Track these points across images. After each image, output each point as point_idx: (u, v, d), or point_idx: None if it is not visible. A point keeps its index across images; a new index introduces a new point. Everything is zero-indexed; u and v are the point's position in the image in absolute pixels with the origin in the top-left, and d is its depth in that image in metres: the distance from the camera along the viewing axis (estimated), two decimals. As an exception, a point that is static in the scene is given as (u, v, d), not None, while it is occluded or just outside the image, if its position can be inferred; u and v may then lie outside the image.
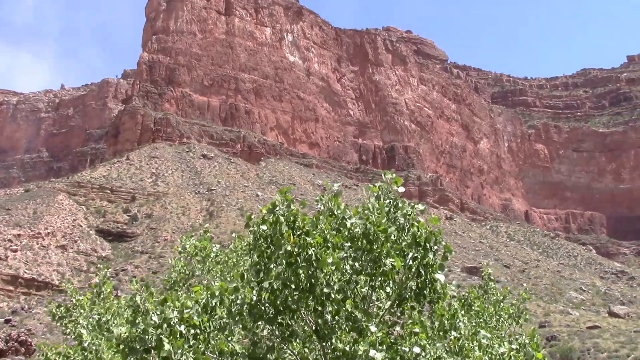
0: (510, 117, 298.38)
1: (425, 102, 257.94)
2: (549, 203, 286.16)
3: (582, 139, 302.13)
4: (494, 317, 12.30)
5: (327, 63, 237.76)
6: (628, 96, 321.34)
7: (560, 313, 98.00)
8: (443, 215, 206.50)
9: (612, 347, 69.41)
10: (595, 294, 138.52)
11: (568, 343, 71.54)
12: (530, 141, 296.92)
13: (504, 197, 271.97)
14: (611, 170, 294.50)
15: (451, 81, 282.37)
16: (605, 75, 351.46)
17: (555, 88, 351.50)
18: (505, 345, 9.58)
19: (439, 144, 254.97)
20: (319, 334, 8.07)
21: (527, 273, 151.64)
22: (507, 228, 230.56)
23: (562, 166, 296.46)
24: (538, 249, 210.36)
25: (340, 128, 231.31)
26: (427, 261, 8.22)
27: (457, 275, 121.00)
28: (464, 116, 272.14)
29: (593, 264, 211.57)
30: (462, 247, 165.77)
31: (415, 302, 8.34)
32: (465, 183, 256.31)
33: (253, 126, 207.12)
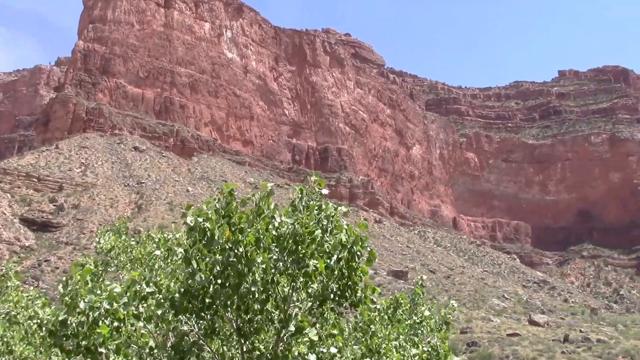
0: (443, 125, 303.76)
1: (360, 106, 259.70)
2: (477, 211, 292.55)
3: (512, 150, 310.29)
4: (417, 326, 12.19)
5: (265, 61, 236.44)
6: (558, 110, 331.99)
7: (482, 320, 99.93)
8: (372, 218, 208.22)
9: (530, 355, 71.00)
10: (517, 302, 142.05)
11: (488, 349, 72.84)
12: (461, 149, 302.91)
13: (434, 203, 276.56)
14: (538, 181, 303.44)
15: (387, 86, 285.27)
16: (537, 88, 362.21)
17: (488, 98, 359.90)
18: (418, 347, 9.70)
19: (372, 148, 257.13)
20: (240, 333, 8.11)
21: (452, 279, 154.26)
22: (435, 234, 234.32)
23: (491, 175, 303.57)
24: (464, 256, 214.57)
25: (274, 127, 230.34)
26: (351, 264, 8.29)
27: (383, 278, 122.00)
28: (398, 121, 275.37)
29: (516, 272, 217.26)
30: (390, 251, 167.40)
31: (335, 304, 8.40)
32: (396, 187, 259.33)
33: (187, 121, 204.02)
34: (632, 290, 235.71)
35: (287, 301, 8.26)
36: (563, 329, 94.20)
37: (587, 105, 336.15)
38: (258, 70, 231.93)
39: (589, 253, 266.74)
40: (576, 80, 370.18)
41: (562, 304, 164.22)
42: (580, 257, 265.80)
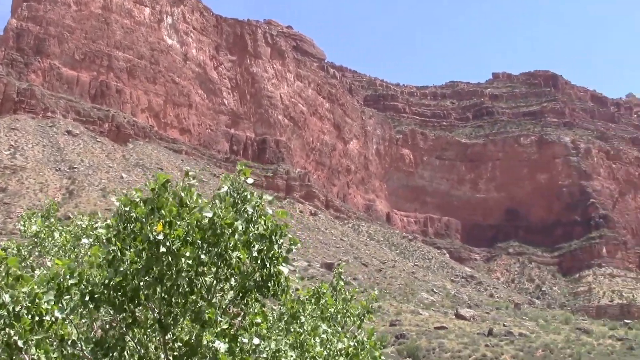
0: (380, 121, 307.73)
1: (300, 99, 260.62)
2: (410, 206, 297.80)
3: (446, 148, 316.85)
4: (339, 314, 12.65)
5: (205, 50, 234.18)
6: (490, 111, 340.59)
7: (411, 313, 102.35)
8: (308, 211, 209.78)
9: (455, 348, 73.43)
10: (445, 296, 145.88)
11: (416, 342, 74.94)
12: (397, 145, 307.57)
13: (368, 198, 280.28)
14: (470, 179, 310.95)
15: (327, 80, 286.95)
16: (471, 89, 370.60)
17: (425, 97, 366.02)
18: (344, 341, 9.96)
19: (310, 141, 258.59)
20: (161, 324, 7.99)
21: (384, 272, 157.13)
22: (369, 228, 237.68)
23: (425, 172, 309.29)
24: (396, 250, 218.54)
25: (213, 116, 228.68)
26: (272, 254, 8.31)
27: (316, 270, 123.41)
28: (337, 116, 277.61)
29: (446, 267, 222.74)
30: (324, 244, 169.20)
31: (258, 294, 8.43)
32: (332, 181, 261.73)
33: (123, 106, 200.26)
34: (554, 287, 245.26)
35: (211, 292, 8.25)
36: (488, 323, 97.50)
37: (518, 107, 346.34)
38: (198, 59, 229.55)
39: (515, 250, 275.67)
40: (509, 82, 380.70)
41: (488, 299, 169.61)
42: (506, 254, 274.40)
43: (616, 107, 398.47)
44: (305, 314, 10.88)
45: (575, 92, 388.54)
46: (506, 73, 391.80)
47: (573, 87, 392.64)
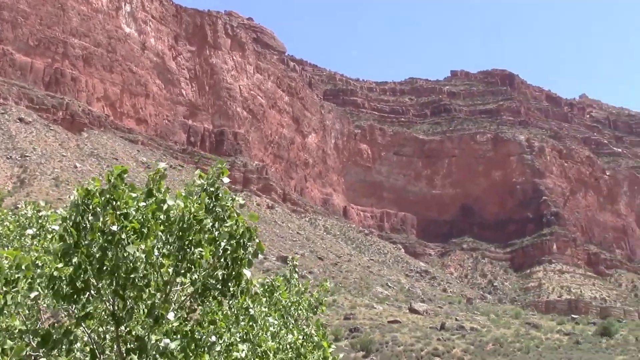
0: (339, 115, 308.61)
1: (259, 91, 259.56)
2: (367, 201, 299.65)
3: (403, 144, 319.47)
4: (292, 307, 12.75)
5: (164, 39, 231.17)
6: (448, 108, 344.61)
7: (366, 307, 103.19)
8: (265, 204, 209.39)
9: (408, 341, 74.33)
10: (399, 291, 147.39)
11: (369, 335, 75.63)
12: (355, 140, 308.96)
13: (326, 192, 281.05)
14: (426, 175, 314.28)
15: (287, 73, 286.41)
16: (430, 86, 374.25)
17: (384, 92, 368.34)
18: (294, 333, 10.06)
19: (268, 134, 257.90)
20: (115, 318, 7.87)
21: (340, 266, 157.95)
22: (325, 222, 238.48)
23: (383, 167, 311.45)
24: (352, 244, 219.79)
25: (170, 107, 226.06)
26: (237, 255, 8.25)
27: (272, 263, 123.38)
28: (296, 109, 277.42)
29: (401, 262, 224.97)
30: (280, 237, 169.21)
31: (218, 294, 8.34)
32: (290, 174, 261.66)
33: (78, 95, 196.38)
34: (505, 282, 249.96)
35: (169, 286, 8.13)
36: (440, 317, 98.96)
37: (475, 105, 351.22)
38: (156, 48, 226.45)
39: (469, 246, 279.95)
40: (467, 80, 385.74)
41: (441, 294, 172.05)
42: (460, 249, 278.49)
43: (569, 108, 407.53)
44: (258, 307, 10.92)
45: (531, 91, 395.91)
46: (464, 71, 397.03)
47: (529, 86, 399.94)
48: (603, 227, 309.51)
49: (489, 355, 68.32)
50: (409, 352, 68.86)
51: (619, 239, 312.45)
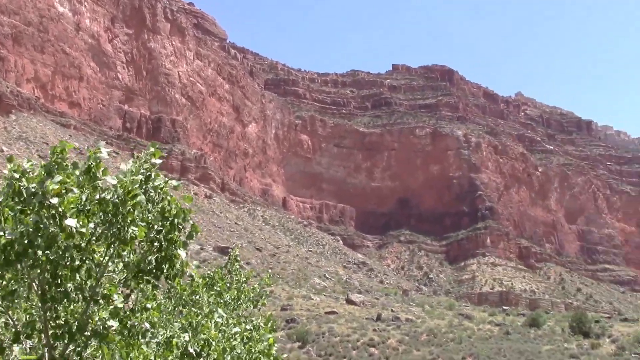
0: (280, 105, 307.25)
1: (199, 78, 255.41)
2: (307, 192, 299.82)
3: (344, 136, 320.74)
4: (234, 298, 12.40)
5: (100, 21, 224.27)
6: (389, 101, 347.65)
7: (303, 298, 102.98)
8: (203, 193, 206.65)
9: (345, 332, 74.36)
10: (337, 282, 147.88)
11: (306, 326, 75.33)
12: (296, 131, 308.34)
13: (265, 182, 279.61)
14: (366, 168, 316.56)
15: (227, 61, 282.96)
16: (371, 79, 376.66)
17: (326, 84, 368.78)
18: (240, 325, 9.78)
19: (207, 122, 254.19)
20: (44, 298, 7.52)
21: (278, 257, 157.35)
22: (264, 212, 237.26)
23: (323, 159, 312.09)
24: (291, 235, 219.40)
25: (105, 91, 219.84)
26: (171, 237, 7.98)
27: (209, 254, 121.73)
28: (236, 98, 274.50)
29: (339, 253, 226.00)
30: (218, 227, 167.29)
31: (151, 277, 8.05)
32: (229, 164, 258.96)
33: (7, 75, 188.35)
34: (440, 274, 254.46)
35: (101, 269, 7.88)
36: (377, 308, 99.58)
37: (415, 99, 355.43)
38: (92, 29, 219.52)
39: (406, 238, 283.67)
40: (407, 75, 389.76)
41: (378, 285, 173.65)
42: (397, 241, 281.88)
43: (506, 105, 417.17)
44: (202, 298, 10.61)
45: (469, 88, 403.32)
46: (405, 65, 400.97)
47: (467, 82, 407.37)
48: (534, 222, 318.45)
49: (423, 345, 68.94)
50: (345, 342, 68.83)
51: (548, 233, 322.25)
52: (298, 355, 58.08)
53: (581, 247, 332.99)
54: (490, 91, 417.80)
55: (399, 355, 63.11)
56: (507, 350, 61.59)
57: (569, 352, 58.16)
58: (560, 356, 56.41)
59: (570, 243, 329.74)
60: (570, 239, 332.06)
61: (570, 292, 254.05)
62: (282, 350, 52.51)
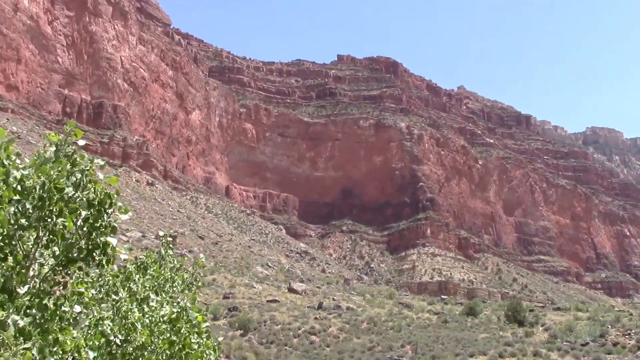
0: (224, 93, 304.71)
1: (141, 64, 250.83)
2: (250, 181, 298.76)
3: (288, 125, 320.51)
4: (168, 283, 12.29)
5: (40, 2, 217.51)
6: (333, 92, 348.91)
7: (245, 286, 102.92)
8: (145, 180, 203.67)
9: (286, 320, 74.75)
10: (279, 271, 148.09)
11: (248, 314, 75.42)
12: (240, 119, 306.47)
13: (208, 170, 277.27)
14: (309, 157, 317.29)
15: (171, 47, 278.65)
16: (316, 69, 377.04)
17: (271, 73, 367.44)
18: (167, 307, 9.68)
19: (150, 108, 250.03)
20: None
21: (220, 246, 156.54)
22: (207, 201, 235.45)
23: (267, 148, 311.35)
24: (233, 224, 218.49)
25: (45, 74, 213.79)
26: (100, 223, 7.71)
27: (151, 241, 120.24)
28: (180, 84, 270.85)
29: (281, 242, 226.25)
30: (160, 215, 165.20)
31: (83, 264, 7.80)
32: (172, 151, 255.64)
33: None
34: (381, 264, 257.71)
35: (30, 259, 7.53)
36: (318, 297, 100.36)
37: (359, 90, 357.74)
38: (30, 11, 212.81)
39: (348, 228, 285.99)
40: (352, 66, 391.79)
41: (320, 274, 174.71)
42: (340, 231, 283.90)
43: (448, 98, 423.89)
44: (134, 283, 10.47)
45: (413, 80, 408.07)
46: (350, 56, 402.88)
47: (411, 75, 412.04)
48: (473, 214, 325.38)
49: (363, 333, 69.94)
50: (286, 330, 69.24)
51: (487, 224, 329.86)
52: (240, 342, 58.19)
53: (518, 239, 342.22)
54: (434, 84, 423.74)
55: (340, 343, 63.89)
56: (444, 338, 63.06)
57: (504, 340, 59.94)
58: (495, 344, 58.09)
59: (507, 234, 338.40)
60: (507, 231, 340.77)
61: (506, 282, 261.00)
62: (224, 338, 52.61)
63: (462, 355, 51.58)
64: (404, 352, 55.76)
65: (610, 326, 63.27)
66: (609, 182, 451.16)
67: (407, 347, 59.13)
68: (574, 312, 79.89)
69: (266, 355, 54.83)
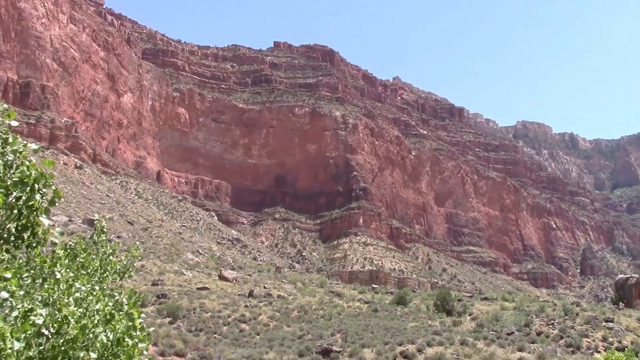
0: (158, 77, 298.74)
1: (72, 43, 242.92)
2: (182, 167, 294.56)
3: (222, 111, 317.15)
4: (99, 271, 11.83)
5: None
6: (269, 78, 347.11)
7: (175, 273, 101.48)
8: (73, 163, 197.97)
9: (216, 308, 74.00)
10: (210, 258, 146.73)
11: (177, 301, 74.33)
12: (173, 104, 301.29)
13: (139, 155, 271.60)
14: (243, 144, 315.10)
15: (104, 27, 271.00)
16: (252, 55, 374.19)
17: (206, 57, 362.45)
18: (103, 300, 9.39)
19: (80, 90, 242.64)
20: None
21: (150, 232, 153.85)
22: (138, 185, 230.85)
23: (200, 133, 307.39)
24: (164, 210, 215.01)
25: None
26: (32, 203, 7.55)
27: (77, 226, 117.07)
28: (112, 66, 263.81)
29: (213, 229, 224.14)
30: (88, 199, 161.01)
31: (11, 245, 7.62)
32: (102, 134, 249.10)
33: None
34: (313, 252, 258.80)
35: None
36: (249, 285, 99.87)
37: (295, 78, 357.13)
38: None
39: (281, 216, 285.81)
40: (289, 53, 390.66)
41: (252, 262, 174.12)
42: (272, 219, 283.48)
43: (383, 88, 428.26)
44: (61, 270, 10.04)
45: (349, 69, 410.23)
46: (287, 43, 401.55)
47: (347, 64, 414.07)
48: (405, 204, 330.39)
49: (294, 321, 69.98)
50: (216, 318, 68.54)
51: (418, 215, 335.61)
52: (168, 330, 57.26)
53: (448, 229, 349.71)
54: (369, 74, 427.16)
55: (270, 331, 63.73)
56: (374, 327, 63.69)
57: (432, 329, 60.98)
58: (424, 333, 59.04)
59: (438, 225, 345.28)
60: (438, 221, 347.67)
61: (436, 271, 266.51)
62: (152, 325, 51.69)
63: (390, 344, 52.22)
64: (334, 341, 56.07)
65: (534, 316, 65.26)
66: (537, 176, 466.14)
67: (337, 335, 59.47)
68: (500, 302, 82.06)
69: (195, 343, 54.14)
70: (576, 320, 61.42)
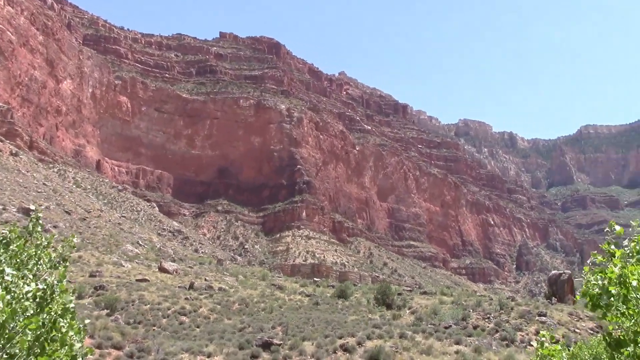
0: (99, 64, 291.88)
1: (9, 26, 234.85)
2: (123, 156, 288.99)
3: (166, 101, 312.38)
4: (32, 260, 11.42)
5: None
6: (214, 69, 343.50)
7: (114, 264, 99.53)
8: (8, 150, 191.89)
9: (156, 300, 72.88)
10: (150, 249, 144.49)
11: (115, 293, 72.88)
12: (115, 92, 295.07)
13: (78, 143, 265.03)
14: (187, 135, 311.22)
15: (43, 11, 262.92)
16: (197, 44, 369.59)
17: (149, 45, 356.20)
18: (32, 284, 9.08)
19: (17, 74, 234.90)
20: None
21: (88, 222, 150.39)
22: (76, 174, 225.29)
23: (142, 122, 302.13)
24: (103, 200, 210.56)
25: None
26: None
27: (12, 214, 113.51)
28: (51, 51, 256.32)
29: (154, 220, 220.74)
30: (24, 187, 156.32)
31: None
32: (39, 121, 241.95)
33: None
34: (256, 245, 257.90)
35: None
36: (190, 277, 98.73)
37: (241, 69, 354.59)
38: None
39: (223, 208, 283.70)
40: (235, 44, 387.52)
41: (193, 254, 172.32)
42: (215, 211, 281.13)
43: (329, 83, 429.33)
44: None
45: (295, 63, 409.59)
46: (233, 34, 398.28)
47: (294, 57, 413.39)
48: (348, 198, 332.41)
49: (234, 314, 69.53)
50: (155, 310, 67.47)
51: (361, 209, 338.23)
52: (105, 322, 56.04)
53: (390, 224, 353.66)
54: (315, 68, 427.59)
55: (210, 324, 63.12)
56: (315, 320, 63.82)
57: (372, 322, 61.49)
58: (364, 326, 59.47)
59: (380, 220, 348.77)
60: (380, 216, 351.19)
61: (377, 266, 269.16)
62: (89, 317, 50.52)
63: (331, 337, 52.39)
64: (275, 334, 55.92)
65: (471, 310, 66.53)
66: (477, 173, 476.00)
67: (277, 328, 59.34)
68: (439, 296, 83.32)
69: (133, 335, 53.12)
70: (511, 314, 62.92)
